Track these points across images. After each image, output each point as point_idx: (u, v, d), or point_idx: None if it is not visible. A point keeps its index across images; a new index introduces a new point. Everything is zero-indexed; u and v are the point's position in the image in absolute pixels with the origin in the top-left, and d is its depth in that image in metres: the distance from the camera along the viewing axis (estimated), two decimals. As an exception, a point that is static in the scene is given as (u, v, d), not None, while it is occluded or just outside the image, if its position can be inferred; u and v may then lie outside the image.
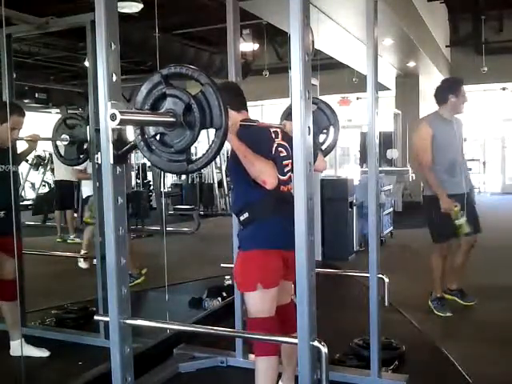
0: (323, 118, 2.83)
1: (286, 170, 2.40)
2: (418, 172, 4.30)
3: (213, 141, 1.61)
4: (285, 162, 2.40)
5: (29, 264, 3.66)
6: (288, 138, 2.43)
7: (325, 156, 2.84)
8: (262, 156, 2.24)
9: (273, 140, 2.41)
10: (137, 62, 9.73)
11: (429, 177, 3.98)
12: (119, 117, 1.51)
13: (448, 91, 4.02)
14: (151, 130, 1.68)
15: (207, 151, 1.62)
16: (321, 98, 3.00)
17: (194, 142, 1.63)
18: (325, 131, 2.87)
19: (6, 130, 3.00)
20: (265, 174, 2.21)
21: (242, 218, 2.37)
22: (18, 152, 3.54)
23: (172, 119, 1.62)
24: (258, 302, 2.34)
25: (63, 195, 7.38)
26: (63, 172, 7.02)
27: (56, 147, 3.67)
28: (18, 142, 3.43)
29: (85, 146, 3.40)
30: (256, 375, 2.35)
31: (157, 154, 1.69)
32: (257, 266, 2.32)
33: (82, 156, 3.49)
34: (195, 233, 7.99)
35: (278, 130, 2.49)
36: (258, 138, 2.35)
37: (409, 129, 11.75)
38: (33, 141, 3.52)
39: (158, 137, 1.68)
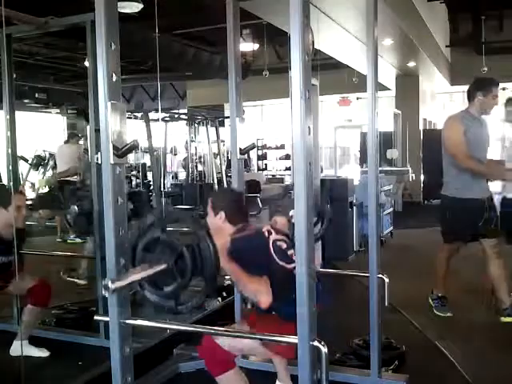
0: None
1: (292, 258, 2.31)
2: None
3: (201, 290, 1.66)
4: (289, 253, 2.36)
5: (29, 264, 3.66)
6: (282, 232, 2.46)
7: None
8: (255, 273, 2.19)
9: (267, 242, 2.35)
10: (137, 61, 9.74)
11: (472, 165, 3.81)
12: (112, 287, 1.52)
13: (477, 89, 3.95)
14: None
15: (197, 298, 1.68)
16: (321, 98, 3.01)
17: (185, 289, 1.66)
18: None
19: (11, 214, 3.05)
20: (258, 294, 2.17)
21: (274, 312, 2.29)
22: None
23: (163, 266, 1.64)
24: (252, 350, 2.34)
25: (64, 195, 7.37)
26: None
27: (65, 217, 3.78)
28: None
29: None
30: None
31: (146, 292, 1.72)
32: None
33: (90, 226, 3.49)
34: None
35: (270, 228, 2.45)
36: (250, 254, 2.28)
37: (409, 129, 11.75)
38: (42, 218, 3.55)
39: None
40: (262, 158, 16.36)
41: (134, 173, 9.15)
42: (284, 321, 2.11)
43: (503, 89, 13.79)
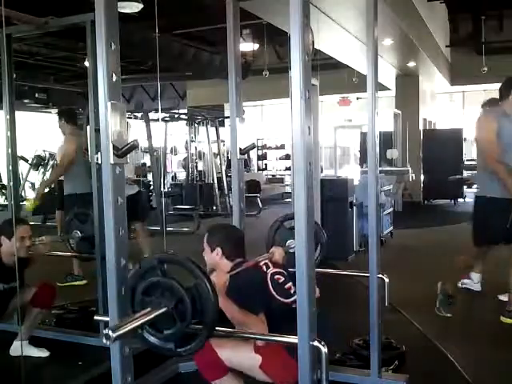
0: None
1: (292, 292, 2.34)
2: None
3: (202, 333, 1.65)
4: (287, 286, 2.37)
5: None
6: (279, 265, 2.46)
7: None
8: (252, 310, 2.19)
9: (265, 277, 2.36)
10: (137, 61, 9.74)
11: (498, 169, 3.68)
12: (113, 336, 1.51)
13: (510, 87, 3.90)
14: None
15: (196, 341, 1.67)
16: (321, 98, 3.00)
17: (184, 332, 1.66)
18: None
19: (16, 245, 3.03)
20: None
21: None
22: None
23: (163, 309, 1.64)
24: (246, 368, 2.30)
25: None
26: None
27: (68, 241, 3.77)
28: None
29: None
30: None
31: (145, 333, 1.71)
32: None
33: (93, 250, 3.48)
34: (195, 233, 7.98)
35: (267, 261, 2.46)
36: (247, 290, 2.28)
37: (409, 129, 11.75)
38: (45, 244, 3.55)
39: None
40: (262, 158, 16.37)
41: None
42: (287, 352, 2.11)
43: (503, 89, 13.81)
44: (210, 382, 2.34)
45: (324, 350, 1.69)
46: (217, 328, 2.31)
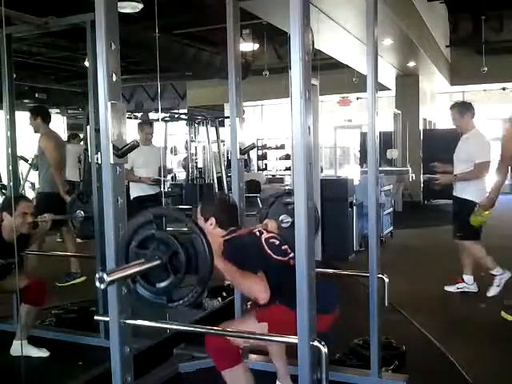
0: None
1: (288, 252, 2.37)
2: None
3: (194, 287, 1.65)
4: (283, 248, 2.39)
5: (28, 264, 3.66)
6: (273, 233, 2.48)
7: None
8: (250, 270, 2.19)
9: (260, 240, 2.37)
10: (137, 61, 9.74)
11: (498, 177, 4.33)
12: (107, 279, 1.52)
13: None
14: None
15: (188, 295, 1.66)
16: (321, 98, 3.01)
17: (177, 286, 1.65)
18: None
19: (17, 221, 3.06)
20: (254, 291, 2.17)
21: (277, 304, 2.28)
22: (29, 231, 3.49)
23: (157, 262, 1.64)
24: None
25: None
26: (65, 171, 7.00)
27: (72, 221, 3.76)
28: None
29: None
30: None
31: (138, 287, 1.71)
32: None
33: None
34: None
35: (261, 229, 2.49)
36: (243, 251, 2.30)
37: (409, 129, 11.75)
38: (46, 221, 3.54)
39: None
40: (262, 157, 16.36)
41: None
42: (291, 309, 2.06)
43: (503, 89, 13.82)
44: (222, 373, 2.35)
45: (324, 350, 1.69)
46: (217, 328, 2.33)
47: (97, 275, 1.52)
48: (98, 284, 1.52)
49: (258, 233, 2.42)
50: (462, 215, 4.46)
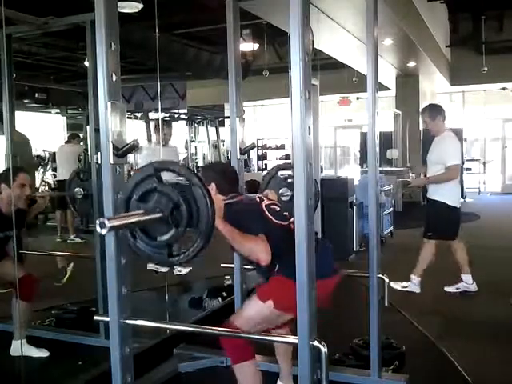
0: None
1: (288, 217, 2.38)
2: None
3: (195, 241, 1.63)
4: (284, 213, 2.41)
5: (29, 264, 3.66)
6: (273, 200, 2.51)
7: None
8: (251, 232, 2.21)
9: (260, 206, 2.39)
10: (137, 61, 9.73)
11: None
12: (108, 225, 1.51)
13: None
14: None
15: (189, 250, 1.64)
16: (321, 98, 3.01)
17: (178, 239, 1.64)
18: None
19: (14, 192, 3.04)
20: (255, 252, 2.18)
21: (276, 271, 2.30)
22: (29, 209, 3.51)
23: (159, 215, 1.63)
24: (264, 317, 2.30)
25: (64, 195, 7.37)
26: (65, 172, 7.01)
27: (72, 200, 3.73)
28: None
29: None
30: (238, 382, 2.35)
31: (139, 239, 1.69)
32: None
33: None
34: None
35: (262, 196, 2.52)
36: (244, 213, 2.32)
37: (409, 129, 11.75)
38: (43, 197, 3.53)
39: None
40: (262, 158, 16.35)
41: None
42: (290, 279, 2.07)
43: (503, 89, 13.81)
44: (233, 367, 2.36)
45: (324, 349, 1.69)
46: (217, 328, 2.33)
47: (98, 221, 1.50)
48: (98, 229, 1.50)
49: (258, 199, 2.46)
50: (432, 216, 4.61)
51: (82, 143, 7.71)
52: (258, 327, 2.31)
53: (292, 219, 2.27)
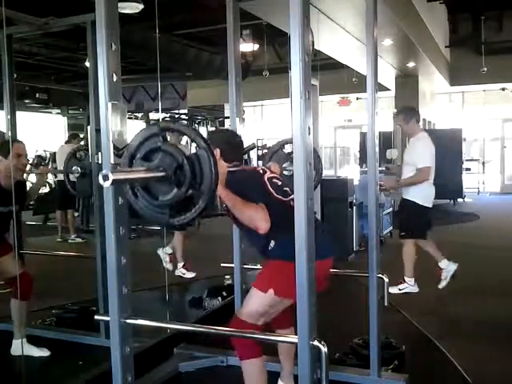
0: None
1: (289, 193, 2.39)
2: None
3: (198, 204, 1.61)
4: (284, 189, 2.41)
5: (29, 264, 3.66)
6: (276, 174, 2.51)
7: None
8: (251, 201, 2.22)
9: (262, 178, 2.40)
10: (137, 62, 9.74)
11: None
12: (112, 177, 1.49)
13: None
14: None
15: (191, 211, 1.63)
16: (321, 98, 3.02)
17: (180, 199, 1.63)
18: None
19: (12, 163, 3.01)
20: (255, 220, 2.19)
21: (270, 249, 2.33)
22: (28, 188, 3.51)
23: (162, 174, 1.62)
24: (266, 306, 2.32)
25: (64, 195, 7.37)
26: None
27: (68, 178, 3.73)
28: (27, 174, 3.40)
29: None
30: (244, 379, 2.36)
31: (140, 199, 1.68)
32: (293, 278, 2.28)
33: (93, 187, 3.48)
34: (195, 233, 7.98)
35: (265, 168, 2.54)
36: (246, 182, 2.34)
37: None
38: (42, 173, 3.52)
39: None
40: (262, 157, 16.34)
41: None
42: (286, 261, 2.10)
43: (503, 89, 13.82)
44: (241, 363, 2.37)
45: (324, 349, 1.69)
46: (217, 328, 2.34)
47: (101, 173, 1.49)
48: (101, 181, 1.49)
49: (261, 171, 2.47)
50: (405, 215, 4.70)
51: (82, 143, 7.71)
52: (263, 318, 2.34)
53: (292, 196, 2.31)
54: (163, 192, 1.63)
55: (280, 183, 2.44)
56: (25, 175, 3.39)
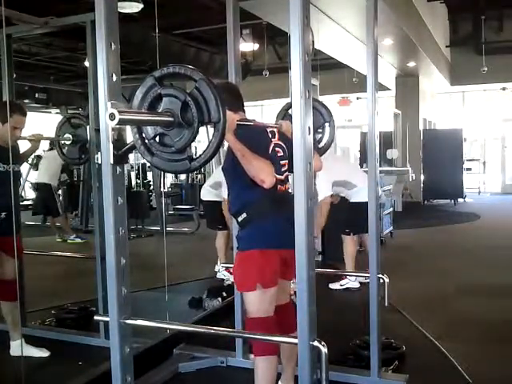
0: (318, 117, 2.83)
1: (283, 170, 2.43)
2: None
3: (213, 135, 1.61)
4: (282, 162, 2.43)
5: (29, 264, 3.66)
6: (285, 138, 2.45)
7: (322, 154, 2.83)
8: (259, 155, 2.25)
9: (270, 140, 2.43)
10: (137, 61, 9.73)
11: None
12: (118, 116, 1.50)
13: None
14: (150, 132, 1.67)
15: (208, 147, 1.62)
16: (321, 98, 3.01)
17: (194, 139, 1.63)
18: (320, 130, 2.87)
19: (7, 130, 2.99)
20: (263, 172, 2.22)
21: (240, 219, 2.38)
22: (21, 152, 3.53)
23: (170, 118, 1.62)
24: (257, 302, 2.35)
25: (43, 199, 7.42)
26: (44, 175, 7.08)
27: (59, 146, 3.67)
28: (20, 141, 3.41)
29: (87, 146, 3.40)
30: (256, 375, 2.36)
31: (158, 155, 1.68)
32: (255, 266, 2.33)
33: (83, 156, 3.49)
34: (195, 233, 7.99)
35: (275, 129, 2.50)
36: (255, 137, 2.36)
37: (409, 129, 11.75)
38: (35, 140, 3.52)
39: (157, 138, 1.67)
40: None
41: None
42: (254, 250, 2.28)
43: (503, 89, 13.82)
44: (255, 359, 2.39)
45: (324, 349, 1.69)
46: (217, 328, 2.33)
47: (107, 113, 1.50)
48: (108, 121, 1.50)
49: (270, 134, 2.46)
50: (353, 214, 4.73)
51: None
52: (264, 308, 2.35)
53: (284, 176, 2.41)
54: (176, 138, 1.63)
55: (281, 154, 2.44)
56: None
